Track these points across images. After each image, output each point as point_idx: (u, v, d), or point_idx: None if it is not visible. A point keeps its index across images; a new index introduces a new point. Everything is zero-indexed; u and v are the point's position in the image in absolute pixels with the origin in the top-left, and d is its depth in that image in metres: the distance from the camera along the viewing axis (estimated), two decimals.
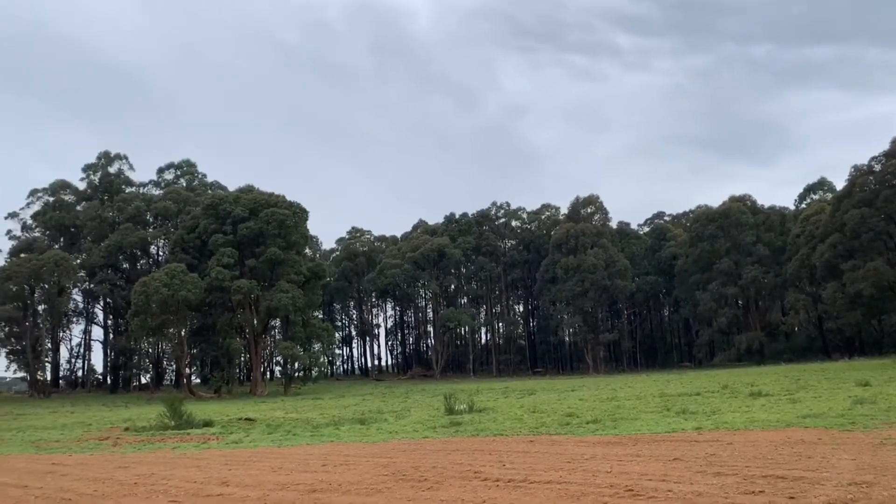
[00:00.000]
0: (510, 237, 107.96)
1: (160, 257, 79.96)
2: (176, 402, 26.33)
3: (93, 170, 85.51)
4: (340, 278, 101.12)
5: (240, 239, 62.39)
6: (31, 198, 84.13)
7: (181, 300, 56.90)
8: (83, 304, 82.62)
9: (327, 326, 73.38)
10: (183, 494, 9.98)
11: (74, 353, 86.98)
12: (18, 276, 66.85)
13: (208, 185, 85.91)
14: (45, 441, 22.27)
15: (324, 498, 9.10)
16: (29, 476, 13.01)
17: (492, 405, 27.47)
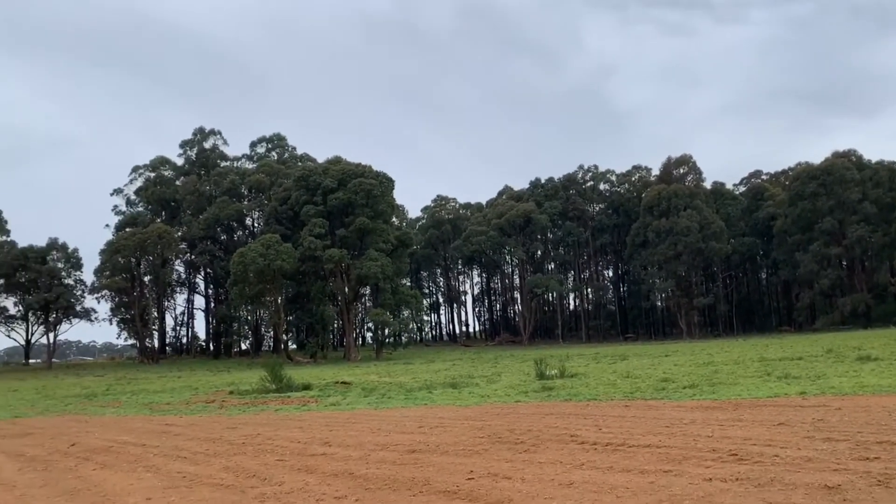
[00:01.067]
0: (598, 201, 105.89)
1: (255, 228, 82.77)
2: (276, 367, 27.36)
3: (189, 145, 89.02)
4: (427, 246, 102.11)
5: (330, 209, 63.79)
6: (134, 174, 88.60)
7: (276, 269, 58.89)
8: (185, 275, 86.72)
9: (415, 293, 74.40)
10: (289, 454, 10.37)
11: (179, 321, 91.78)
12: (126, 249, 70.74)
13: (298, 158, 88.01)
14: (157, 404, 23.64)
15: (423, 458, 9.26)
16: (146, 435, 13.85)
17: (583, 371, 27.26)
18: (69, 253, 78.56)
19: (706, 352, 40.08)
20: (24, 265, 74.88)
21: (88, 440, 13.44)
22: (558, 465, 8.30)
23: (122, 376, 47.92)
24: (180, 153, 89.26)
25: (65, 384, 40.73)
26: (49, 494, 8.10)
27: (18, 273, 75.05)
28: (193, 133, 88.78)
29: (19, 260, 75.07)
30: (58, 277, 76.30)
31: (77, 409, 23.30)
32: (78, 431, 15.35)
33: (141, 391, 31.26)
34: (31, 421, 19.24)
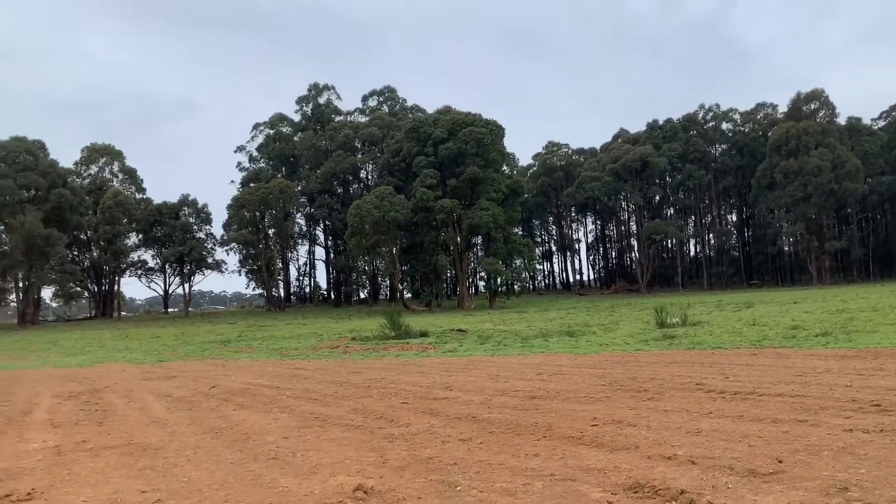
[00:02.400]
0: (720, 141, 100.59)
1: (370, 181, 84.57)
2: (394, 315, 28.14)
3: (305, 101, 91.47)
4: (539, 194, 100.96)
5: (441, 160, 64.10)
6: (255, 131, 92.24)
7: (391, 220, 60.13)
8: (306, 227, 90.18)
9: (528, 242, 74.09)
10: (412, 397, 10.68)
11: (301, 271, 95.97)
12: (250, 203, 74.19)
13: (409, 110, 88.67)
14: (286, 349, 24.92)
15: (544, 404, 9.28)
16: (278, 379, 14.64)
17: (706, 318, 26.39)
18: (199, 208, 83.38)
19: (839, 298, 37.80)
20: (160, 221, 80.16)
21: (226, 383, 14.35)
22: (684, 413, 8.10)
23: (251, 323, 50.81)
24: (297, 109, 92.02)
25: (200, 331, 43.66)
26: (196, 432, 8.72)
27: (155, 228, 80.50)
28: (308, 89, 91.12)
29: (155, 216, 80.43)
30: (190, 232, 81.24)
31: (213, 353, 24.93)
32: (216, 375, 16.43)
33: (270, 337, 33.03)
34: (173, 365, 20.76)
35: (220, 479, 6.14)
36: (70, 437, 8.73)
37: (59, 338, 43.47)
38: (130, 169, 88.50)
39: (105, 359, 24.75)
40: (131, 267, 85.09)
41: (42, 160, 70.92)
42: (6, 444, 8.50)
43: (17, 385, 16.55)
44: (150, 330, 48.58)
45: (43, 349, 33.39)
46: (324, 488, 5.66)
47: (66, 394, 13.88)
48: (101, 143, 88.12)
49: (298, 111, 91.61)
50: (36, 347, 35.01)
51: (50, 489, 6.08)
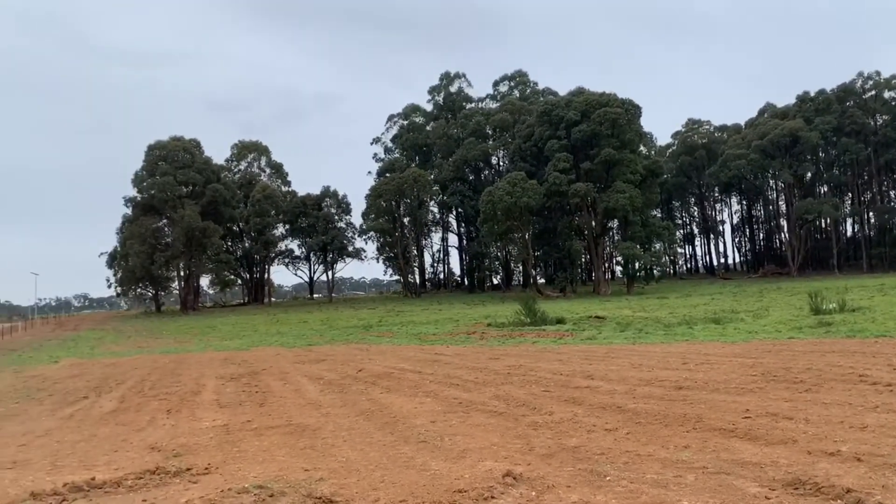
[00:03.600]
0: (882, 112, 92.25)
1: (501, 167, 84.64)
2: (529, 301, 28.15)
3: (437, 91, 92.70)
4: (678, 174, 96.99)
5: (574, 143, 63.04)
6: (389, 123, 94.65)
7: (523, 206, 59.94)
8: (439, 215, 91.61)
9: (667, 225, 71.50)
10: (553, 385, 10.69)
11: (436, 258, 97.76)
12: (386, 193, 76.36)
13: (540, 93, 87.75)
14: (424, 334, 25.56)
15: (692, 395, 9.01)
16: (420, 364, 15.08)
17: (867, 304, 24.49)
18: (340, 199, 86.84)
19: None
20: (304, 212, 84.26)
21: (372, 367, 14.95)
22: (847, 407, 7.61)
23: (390, 309, 52.45)
24: (429, 99, 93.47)
25: (344, 316, 45.60)
26: (348, 413, 9.18)
27: (300, 219, 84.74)
28: (440, 78, 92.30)
29: (300, 207, 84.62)
30: (332, 222, 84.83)
31: (357, 338, 25.99)
32: (362, 359, 17.15)
33: (408, 322, 33.97)
34: (322, 349, 21.86)
35: (375, 460, 6.44)
36: (236, 417, 9.44)
37: (217, 323, 46.84)
38: (277, 163, 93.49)
39: (259, 342, 26.44)
40: (279, 256, 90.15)
41: (198, 158, 76.35)
42: (182, 422, 9.32)
43: (183, 367, 18.03)
44: (298, 315, 51.30)
45: (203, 333, 36.11)
46: (473, 473, 5.81)
47: (228, 376, 14.97)
48: (249, 140, 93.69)
49: (430, 100, 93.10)
50: (197, 332, 37.90)
51: (223, 465, 6.62)
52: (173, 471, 6.37)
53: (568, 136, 63.33)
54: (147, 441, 8.04)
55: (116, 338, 36.54)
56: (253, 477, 6.03)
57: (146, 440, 8.10)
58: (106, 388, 14.05)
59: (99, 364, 20.58)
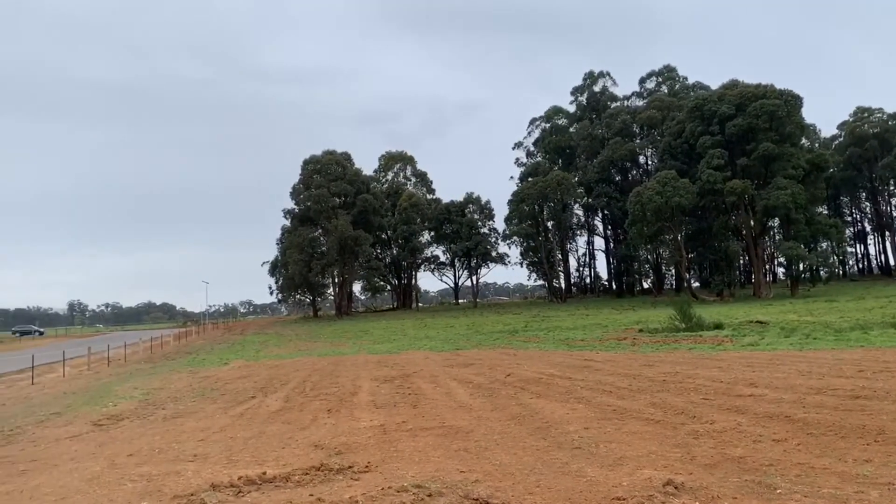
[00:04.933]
0: None
1: (649, 166, 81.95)
2: (683, 306, 26.99)
3: (580, 91, 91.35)
4: (847, 168, 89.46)
5: (728, 138, 59.88)
6: (531, 126, 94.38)
7: (674, 206, 57.67)
8: (584, 218, 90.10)
9: (835, 222, 66.08)
10: (713, 393, 10.17)
11: (581, 262, 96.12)
12: (529, 197, 76.12)
13: (690, 88, 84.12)
14: (572, 340, 25.20)
15: (871, 405, 8.26)
16: (570, 369, 14.86)
17: None
18: (483, 205, 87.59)
19: None
20: (448, 218, 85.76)
21: (520, 371, 14.92)
22: None
23: (535, 314, 52.16)
24: (571, 100, 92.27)
25: (489, 321, 45.89)
26: (500, 418, 9.21)
27: (444, 226, 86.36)
28: (583, 78, 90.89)
29: (444, 214, 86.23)
30: (475, 227, 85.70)
31: (503, 343, 26.06)
32: (510, 363, 17.16)
33: (555, 328, 33.63)
34: (469, 353, 22.10)
35: (529, 465, 6.41)
36: (391, 418, 9.73)
37: (369, 327, 48.63)
38: (422, 172, 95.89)
39: (409, 346, 27.15)
40: (425, 262, 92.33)
41: (349, 169, 79.81)
42: (342, 422, 9.74)
43: (340, 369, 18.85)
44: (445, 320, 52.22)
45: (357, 337, 37.61)
46: (632, 481, 5.64)
47: (382, 378, 15.48)
48: (395, 150, 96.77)
49: (573, 101, 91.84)
50: (351, 336, 39.53)
51: (382, 464, 6.84)
52: (336, 468, 6.66)
53: (722, 131, 60.28)
54: (311, 439, 8.46)
55: (279, 341, 38.85)
56: (411, 476, 6.18)
57: (310, 438, 8.53)
58: (271, 388, 14.94)
59: (264, 366, 21.96)
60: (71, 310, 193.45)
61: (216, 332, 62.35)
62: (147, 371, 23.35)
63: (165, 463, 7.50)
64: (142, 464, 7.55)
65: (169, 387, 16.97)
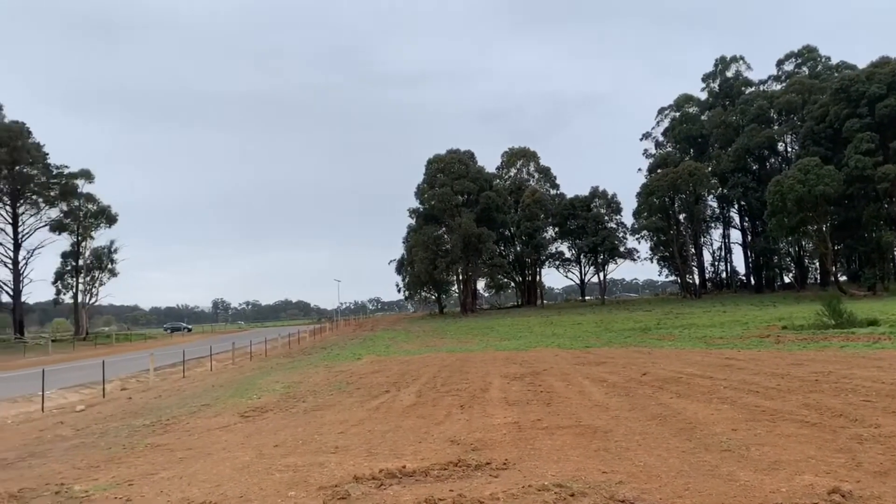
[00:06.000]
0: None
1: (789, 154, 77.19)
2: (832, 301, 25.20)
3: (711, 78, 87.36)
4: None
5: (879, 120, 55.30)
6: (660, 116, 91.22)
7: (818, 195, 53.91)
8: (719, 210, 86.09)
9: None
10: (874, 394, 9.36)
11: (716, 256, 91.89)
12: (659, 189, 73.62)
13: (833, 68, 78.36)
14: (710, 337, 24.08)
15: None
16: (710, 368, 14.16)
17: None
18: (609, 199, 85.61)
19: None
20: (573, 213, 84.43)
21: (656, 370, 14.39)
22: None
23: (668, 311, 50.34)
24: (703, 87, 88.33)
25: (618, 318, 44.74)
26: (639, 418, 8.88)
27: (569, 221, 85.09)
28: (714, 64, 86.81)
29: (569, 209, 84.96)
30: (601, 222, 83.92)
31: (635, 341, 25.29)
32: (644, 362, 16.60)
33: (690, 325, 32.29)
34: (600, 351, 21.60)
35: (676, 467, 6.11)
36: (525, 416, 9.62)
37: (495, 324, 48.69)
38: (545, 167, 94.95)
39: (536, 343, 26.91)
40: (550, 258, 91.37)
41: (472, 168, 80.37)
42: (475, 418, 9.73)
43: (469, 365, 18.93)
44: (571, 317, 51.42)
45: (483, 334, 37.73)
46: (791, 487, 5.24)
47: (512, 375, 15.39)
48: (518, 147, 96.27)
49: (705, 88, 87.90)
50: (477, 332, 39.70)
51: (520, 461, 6.75)
52: (474, 464, 6.63)
53: (871, 112, 55.81)
54: (446, 434, 8.50)
55: (407, 337, 39.66)
56: (551, 475, 6.04)
57: (445, 433, 8.57)
58: (403, 383, 15.21)
59: (395, 361, 22.44)
60: (215, 308, 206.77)
61: (348, 328, 64.58)
62: (286, 365, 24.46)
63: (309, 454, 7.76)
64: (287, 455, 7.84)
65: (307, 381, 17.66)
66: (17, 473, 8.08)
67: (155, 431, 10.98)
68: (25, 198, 69.69)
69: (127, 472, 7.53)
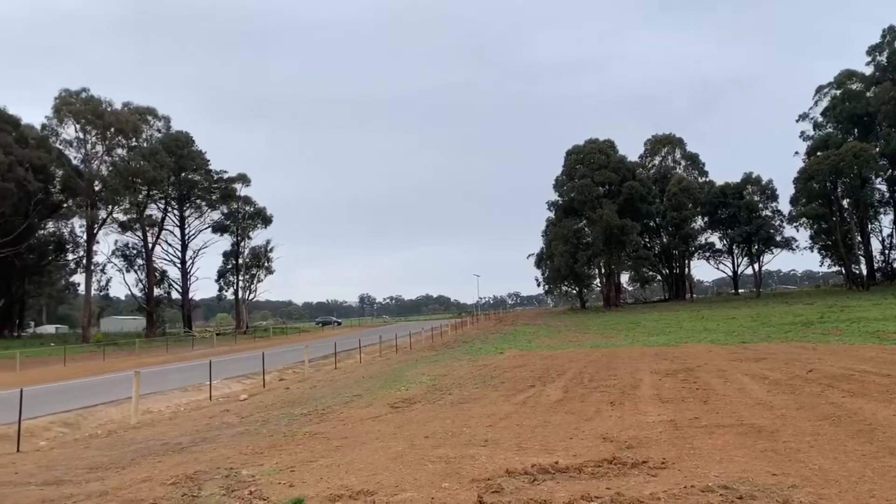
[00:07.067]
0: None
1: None
2: None
3: (877, 50, 79.92)
4: None
5: None
6: (818, 95, 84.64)
7: None
8: (888, 193, 78.86)
9: None
10: None
11: (886, 244, 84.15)
12: (819, 174, 68.41)
13: None
14: (883, 332, 22.05)
15: None
16: (887, 365, 12.94)
17: None
18: (763, 185, 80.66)
19: None
20: (724, 202, 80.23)
21: (823, 367, 13.34)
22: None
23: (831, 304, 46.68)
24: (868, 61, 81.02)
25: (776, 312, 41.97)
26: (808, 417, 8.23)
27: (719, 210, 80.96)
28: (882, 35, 79.20)
29: (718, 197, 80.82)
30: (755, 210, 79.22)
31: (796, 335, 23.61)
32: (808, 358, 15.44)
33: (858, 319, 29.77)
34: (758, 346, 20.33)
35: (856, 472, 5.58)
36: (681, 413, 9.19)
37: (640, 319, 47.19)
38: (692, 154, 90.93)
39: (687, 339, 25.79)
40: (699, 249, 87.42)
41: (613, 157, 78.36)
42: (627, 415, 9.42)
43: (616, 361, 18.43)
44: (724, 311, 48.87)
45: (628, 329, 36.68)
46: None
47: (663, 371, 14.81)
48: (662, 134, 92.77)
49: (870, 62, 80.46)
50: (622, 327, 38.65)
51: (679, 461, 6.42)
52: (630, 462, 6.39)
53: None
54: (597, 431, 8.27)
55: (549, 332, 39.28)
56: (714, 476, 5.70)
57: (596, 430, 8.35)
58: (548, 378, 15.04)
59: (538, 356, 22.26)
60: (361, 302, 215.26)
61: (488, 322, 65.00)
62: (431, 358, 24.93)
63: (459, 446, 7.80)
64: (437, 446, 7.93)
65: (452, 374, 17.89)
66: (192, 457, 8.71)
67: (312, 420, 11.49)
68: (190, 202, 75.80)
69: (288, 459, 7.90)
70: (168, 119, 72.78)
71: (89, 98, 64.35)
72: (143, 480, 7.15)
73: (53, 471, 8.33)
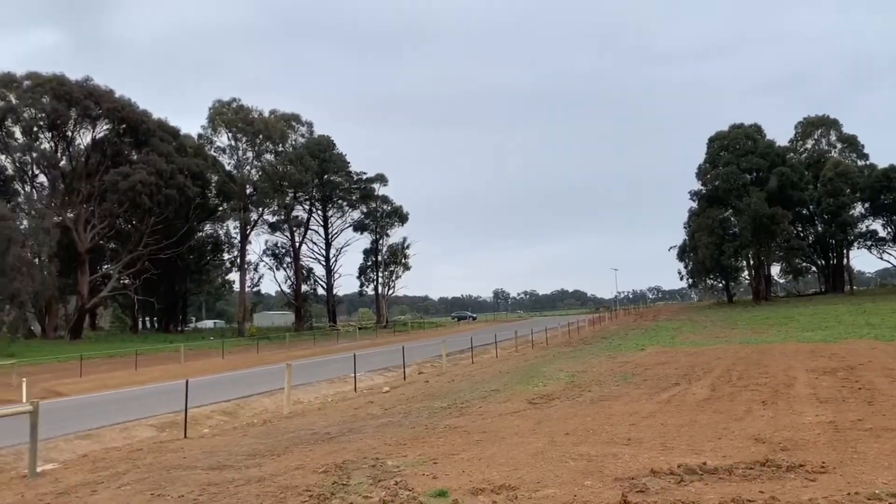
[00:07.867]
0: None
1: None
2: None
3: None
4: None
5: None
6: None
7: None
8: None
9: None
10: None
11: None
12: None
13: None
14: None
15: None
16: None
17: None
18: None
19: None
20: (888, 186, 73.65)
21: None
22: None
23: None
24: None
25: None
26: None
27: (882, 195, 74.44)
28: None
29: (882, 181, 74.25)
30: None
31: None
32: None
33: None
34: None
35: None
36: (842, 414, 8.58)
37: (794, 313, 44.30)
38: (849, 136, 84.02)
39: (846, 335, 23.97)
40: (859, 238, 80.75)
41: (760, 142, 73.87)
42: (780, 415, 8.91)
43: (768, 358, 17.45)
44: (890, 304, 44.94)
45: (781, 324, 34.56)
46: None
47: (820, 369, 13.88)
48: (814, 115, 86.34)
49: None
50: (773, 322, 36.47)
51: (840, 465, 6.01)
52: (785, 465, 6.04)
53: None
54: (748, 431, 7.89)
55: (693, 328, 37.77)
56: (882, 483, 5.29)
57: (747, 430, 7.96)
58: (694, 375, 14.49)
59: (682, 353, 21.48)
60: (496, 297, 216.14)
61: (627, 317, 63.39)
62: (568, 354, 24.67)
63: (601, 444, 7.69)
64: (578, 443, 7.86)
65: (591, 370, 17.63)
66: (340, 447, 9.12)
67: (451, 414, 11.71)
68: (333, 202, 79.29)
69: (430, 451, 8.10)
70: (311, 124, 76.49)
71: (239, 107, 68.90)
72: (296, 468, 7.58)
73: (216, 456, 9.00)
